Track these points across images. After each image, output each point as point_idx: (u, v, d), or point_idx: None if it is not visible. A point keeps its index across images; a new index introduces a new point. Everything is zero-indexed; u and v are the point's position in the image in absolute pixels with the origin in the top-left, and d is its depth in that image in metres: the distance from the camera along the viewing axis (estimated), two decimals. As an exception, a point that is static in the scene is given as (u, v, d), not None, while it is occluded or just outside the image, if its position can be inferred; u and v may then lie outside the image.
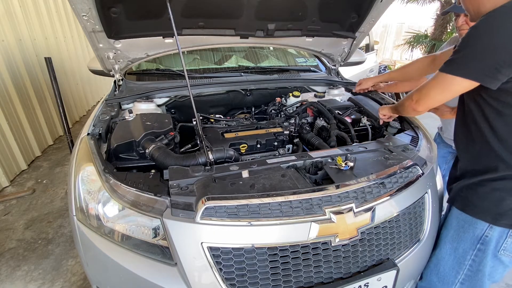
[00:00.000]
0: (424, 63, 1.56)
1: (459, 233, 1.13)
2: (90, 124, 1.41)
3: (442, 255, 1.20)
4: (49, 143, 3.84)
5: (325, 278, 1.00)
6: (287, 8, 1.66)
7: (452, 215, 1.18)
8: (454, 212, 1.16)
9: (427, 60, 1.55)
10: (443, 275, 1.20)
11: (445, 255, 1.19)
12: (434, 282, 1.24)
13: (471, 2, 0.99)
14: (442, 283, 1.21)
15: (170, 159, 1.19)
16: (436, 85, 1.00)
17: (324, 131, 1.62)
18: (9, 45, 3.07)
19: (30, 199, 2.74)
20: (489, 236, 1.05)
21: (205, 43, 1.85)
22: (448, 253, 1.18)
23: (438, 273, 1.22)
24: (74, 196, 1.08)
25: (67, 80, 4.50)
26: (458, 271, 1.15)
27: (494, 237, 1.05)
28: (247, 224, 0.91)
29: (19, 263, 2.01)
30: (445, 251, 1.19)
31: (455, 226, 1.15)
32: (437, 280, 1.23)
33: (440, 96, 1.01)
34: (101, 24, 1.42)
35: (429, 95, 1.04)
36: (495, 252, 1.07)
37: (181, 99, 1.86)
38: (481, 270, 1.10)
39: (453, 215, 1.17)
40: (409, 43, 7.50)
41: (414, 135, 1.50)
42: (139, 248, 1.00)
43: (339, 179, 1.06)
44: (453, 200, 1.17)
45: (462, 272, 1.15)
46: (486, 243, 1.06)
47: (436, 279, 1.23)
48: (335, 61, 2.29)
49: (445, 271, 1.19)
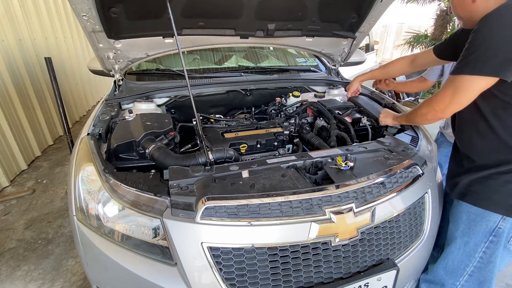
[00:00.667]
0: (404, 62, 1.65)
1: (470, 226, 1.15)
2: (90, 124, 1.41)
3: (451, 249, 1.22)
4: (49, 143, 3.84)
5: (325, 278, 1.00)
6: (287, 8, 1.66)
7: (461, 210, 1.19)
8: (464, 206, 1.17)
9: (407, 59, 1.63)
10: (451, 269, 1.22)
11: (454, 249, 1.21)
12: (441, 275, 1.26)
13: (462, 11, 1.07)
14: (449, 276, 1.23)
15: (170, 159, 1.19)
16: (457, 90, 1.01)
17: (324, 131, 1.62)
18: (9, 45, 3.07)
19: (30, 199, 2.74)
20: (502, 228, 1.08)
21: (205, 43, 1.85)
22: (458, 247, 1.20)
23: (446, 266, 1.24)
24: (74, 196, 1.08)
25: (67, 80, 4.50)
26: (468, 264, 1.18)
27: (506, 228, 1.08)
28: (247, 224, 0.91)
29: (19, 263, 2.01)
30: (454, 245, 1.21)
31: (465, 220, 1.17)
32: (444, 273, 1.24)
33: (464, 99, 1.02)
34: (101, 24, 1.42)
35: (454, 100, 1.03)
36: (505, 243, 1.11)
37: (181, 99, 1.86)
38: (492, 261, 1.13)
39: (462, 210, 1.18)
40: (409, 43, 7.49)
41: (414, 135, 1.50)
42: (139, 248, 1.00)
43: (339, 179, 1.06)
44: (462, 195, 1.17)
45: (472, 265, 1.17)
46: (499, 235, 1.09)
47: (443, 273, 1.25)
48: (335, 61, 2.29)
49: (454, 265, 1.21)
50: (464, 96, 1.01)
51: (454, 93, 1.02)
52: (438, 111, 1.10)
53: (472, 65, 0.96)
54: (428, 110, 1.15)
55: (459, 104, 1.04)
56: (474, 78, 0.97)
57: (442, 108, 1.09)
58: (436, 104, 1.11)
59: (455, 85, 1.02)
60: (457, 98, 1.02)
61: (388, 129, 1.66)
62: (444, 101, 1.07)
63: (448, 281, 1.24)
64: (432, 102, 1.12)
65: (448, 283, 1.24)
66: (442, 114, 1.11)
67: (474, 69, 0.96)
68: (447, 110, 1.08)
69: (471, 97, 1.01)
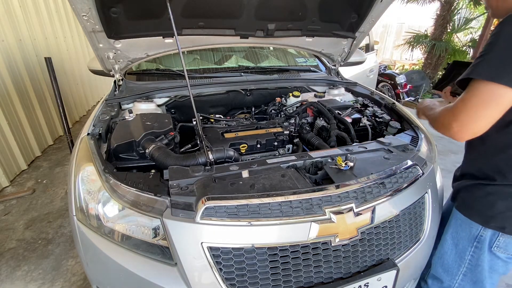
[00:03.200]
0: None
1: (458, 231, 1.18)
2: (90, 124, 1.41)
3: (445, 249, 1.25)
4: (49, 143, 3.84)
5: (325, 278, 1.00)
6: (287, 8, 1.66)
7: (452, 213, 1.21)
8: (454, 210, 1.20)
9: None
10: (447, 267, 1.25)
11: (447, 249, 1.24)
12: (440, 272, 1.28)
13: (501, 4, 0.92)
14: (446, 274, 1.26)
15: (170, 159, 1.19)
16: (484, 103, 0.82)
17: (324, 131, 1.62)
18: (9, 45, 3.07)
19: (30, 199, 2.74)
20: (483, 236, 1.09)
21: (205, 43, 1.85)
22: (450, 248, 1.22)
23: (443, 264, 1.26)
24: (74, 196, 1.08)
25: (67, 80, 4.49)
26: (460, 264, 1.19)
27: (488, 236, 1.08)
28: (247, 224, 0.91)
29: (19, 263, 2.01)
30: (447, 245, 1.23)
31: (453, 224, 1.20)
32: (442, 271, 1.27)
33: (493, 114, 0.83)
34: (101, 24, 1.42)
35: (479, 117, 0.83)
36: (490, 249, 1.10)
37: (181, 99, 1.86)
38: (480, 265, 1.14)
39: (452, 213, 1.21)
40: (409, 43, 7.50)
41: (414, 135, 1.50)
42: (139, 248, 0.99)
43: (339, 179, 1.06)
44: (454, 199, 1.21)
45: (464, 265, 1.18)
46: (481, 242, 1.10)
47: (441, 270, 1.28)
48: (335, 61, 2.29)
49: (449, 263, 1.24)
50: (491, 112, 0.83)
51: (478, 107, 0.84)
52: (454, 130, 0.91)
53: (496, 70, 0.80)
54: (445, 125, 0.94)
55: (487, 122, 0.85)
56: (503, 89, 0.79)
57: (458, 128, 0.89)
58: (454, 120, 0.90)
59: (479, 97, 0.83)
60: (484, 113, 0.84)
61: (388, 129, 1.66)
62: (462, 117, 0.87)
63: (445, 278, 1.26)
64: (449, 117, 0.92)
65: (446, 280, 1.26)
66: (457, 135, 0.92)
67: (501, 76, 0.79)
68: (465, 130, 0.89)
69: (500, 112, 0.83)
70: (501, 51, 0.81)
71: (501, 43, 0.81)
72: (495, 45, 0.82)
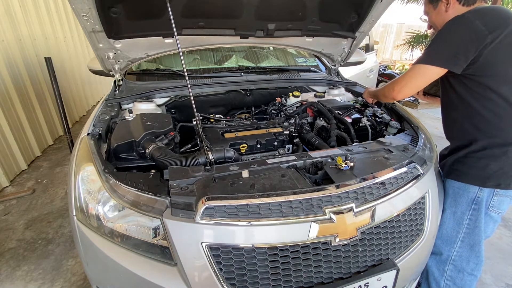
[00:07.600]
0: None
1: (456, 198, 1.33)
2: (90, 124, 1.41)
3: (443, 220, 1.37)
4: (49, 143, 3.84)
5: (325, 278, 1.00)
6: (287, 8, 1.66)
7: (448, 186, 1.37)
8: (450, 183, 1.35)
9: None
10: (446, 237, 1.38)
11: (445, 219, 1.37)
12: (438, 245, 1.40)
13: (438, 20, 1.29)
14: (445, 243, 1.39)
15: (170, 159, 1.19)
16: (413, 76, 1.25)
17: (324, 131, 1.62)
18: (9, 45, 3.07)
19: (30, 199, 2.74)
20: (480, 197, 1.26)
21: (205, 43, 1.85)
22: (448, 217, 1.36)
23: (442, 236, 1.39)
24: (74, 196, 1.08)
25: (67, 80, 4.49)
26: (458, 231, 1.34)
27: (484, 197, 1.25)
28: (247, 224, 0.91)
29: (19, 263, 2.01)
30: (445, 216, 1.37)
31: (451, 194, 1.35)
32: (441, 242, 1.40)
33: (418, 84, 1.25)
34: (101, 24, 1.42)
35: (410, 84, 1.27)
36: (486, 210, 1.27)
37: (181, 99, 1.86)
38: (478, 226, 1.30)
39: (449, 186, 1.36)
40: (409, 43, 7.49)
41: (414, 135, 1.50)
42: (139, 248, 0.99)
43: (339, 179, 1.06)
44: (448, 173, 1.36)
45: (462, 231, 1.33)
46: (479, 203, 1.27)
47: (440, 242, 1.40)
48: (335, 61, 2.29)
49: (448, 233, 1.37)
50: (418, 81, 1.24)
51: (410, 78, 1.26)
52: (395, 91, 1.33)
53: (427, 56, 1.20)
54: (388, 91, 1.39)
55: (414, 87, 1.27)
56: (429, 67, 1.18)
57: (398, 90, 1.31)
58: (395, 85, 1.33)
59: (412, 72, 1.25)
60: (413, 82, 1.26)
61: (388, 129, 1.66)
62: (401, 83, 1.30)
63: (444, 248, 1.39)
64: (393, 84, 1.35)
65: (445, 251, 1.39)
66: (397, 94, 1.33)
67: (427, 60, 1.19)
68: (401, 92, 1.30)
69: (424, 82, 1.23)
70: (433, 45, 1.21)
71: (435, 40, 1.21)
72: (432, 41, 1.22)
